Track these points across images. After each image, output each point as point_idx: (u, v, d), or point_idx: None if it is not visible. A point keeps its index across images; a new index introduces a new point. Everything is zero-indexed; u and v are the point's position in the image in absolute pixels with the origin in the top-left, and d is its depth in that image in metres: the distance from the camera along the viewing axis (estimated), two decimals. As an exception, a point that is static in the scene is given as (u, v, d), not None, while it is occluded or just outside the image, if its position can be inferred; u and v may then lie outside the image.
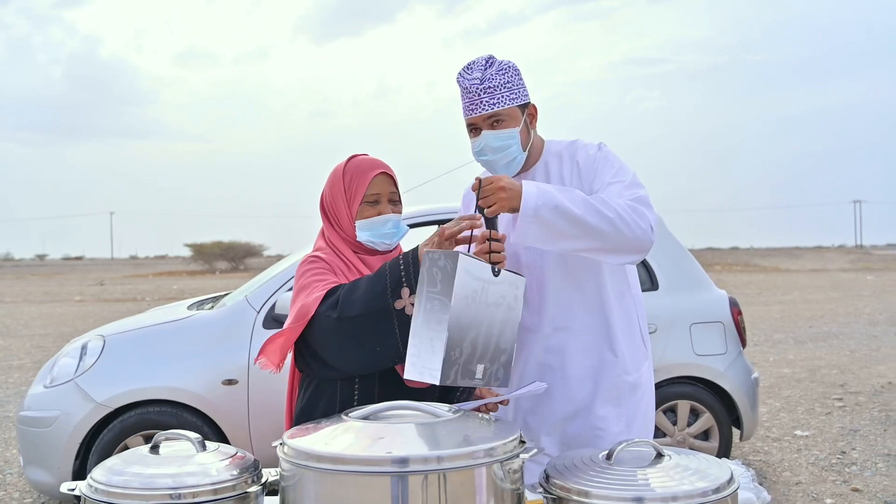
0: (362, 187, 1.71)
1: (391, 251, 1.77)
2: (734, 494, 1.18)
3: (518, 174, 1.89)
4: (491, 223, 1.72)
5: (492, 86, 1.79)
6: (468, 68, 1.83)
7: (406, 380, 1.46)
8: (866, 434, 5.04)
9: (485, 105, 1.80)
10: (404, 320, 1.50)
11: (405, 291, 1.53)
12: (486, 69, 1.81)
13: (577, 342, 1.87)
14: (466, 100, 1.81)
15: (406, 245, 1.79)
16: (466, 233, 1.59)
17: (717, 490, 1.14)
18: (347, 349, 1.55)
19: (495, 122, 1.81)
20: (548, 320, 1.88)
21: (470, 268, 1.47)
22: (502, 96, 1.80)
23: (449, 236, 1.57)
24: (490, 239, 1.59)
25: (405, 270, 1.54)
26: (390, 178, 1.75)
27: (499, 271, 1.54)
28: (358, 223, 1.71)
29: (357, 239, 1.72)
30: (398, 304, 1.52)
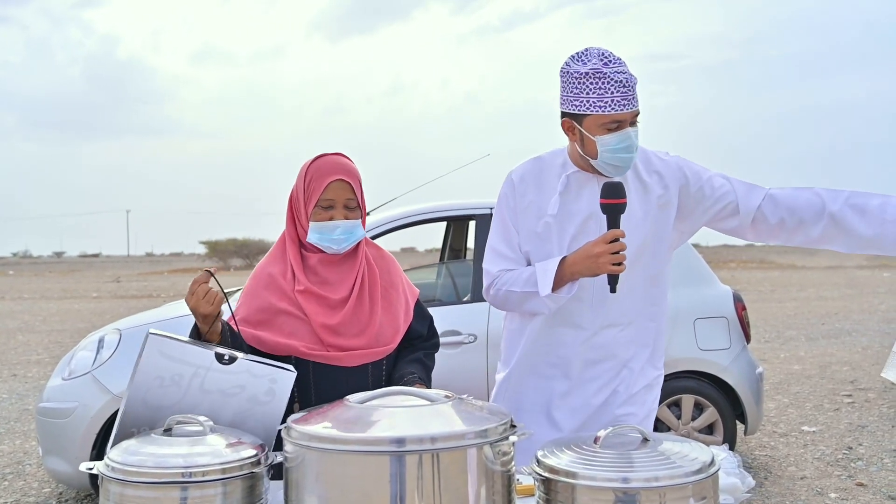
0: (318, 191, 1.75)
1: (341, 255, 1.80)
2: (715, 476, 1.23)
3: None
4: (613, 222, 1.73)
5: (635, 83, 1.76)
6: (609, 59, 1.74)
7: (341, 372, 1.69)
8: (874, 430, 5.05)
9: (635, 101, 1.75)
10: None
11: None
12: (623, 64, 1.76)
13: (630, 342, 1.91)
14: (618, 93, 1.72)
15: (416, 240, 1.84)
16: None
17: (697, 472, 1.20)
18: None
19: (636, 119, 1.78)
20: (602, 316, 1.88)
21: (168, 350, 1.48)
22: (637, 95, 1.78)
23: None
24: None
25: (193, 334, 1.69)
26: (348, 184, 1.77)
27: (229, 360, 1.51)
28: (311, 224, 1.77)
29: (307, 239, 1.78)
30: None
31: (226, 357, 1.52)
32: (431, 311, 2.02)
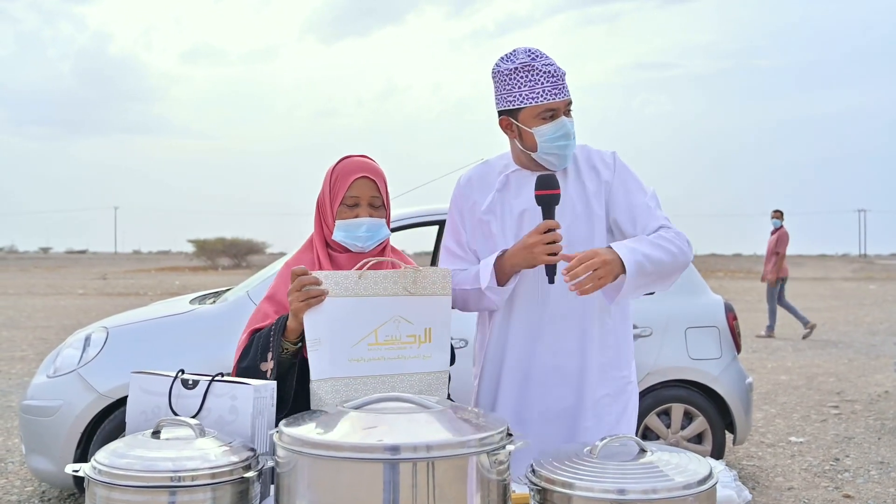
0: (343, 189, 1.77)
1: (368, 252, 1.80)
2: (712, 489, 1.22)
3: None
4: (548, 213, 1.76)
5: (563, 74, 1.81)
6: (536, 54, 1.81)
7: None
8: (860, 442, 5.07)
9: (566, 91, 1.81)
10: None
11: (269, 355, 1.65)
12: (550, 58, 1.82)
13: (582, 341, 1.89)
14: (548, 83, 1.78)
15: (406, 243, 1.83)
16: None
17: (695, 484, 1.19)
18: None
19: (569, 109, 1.84)
20: (549, 314, 1.89)
21: (146, 385, 1.54)
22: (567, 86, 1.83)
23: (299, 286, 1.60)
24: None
25: (273, 337, 1.66)
26: (373, 182, 1.79)
27: (193, 384, 1.51)
28: (337, 223, 1.78)
29: (333, 238, 1.79)
30: (263, 367, 1.65)
31: (189, 382, 1.52)
32: None
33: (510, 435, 1.24)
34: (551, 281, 1.78)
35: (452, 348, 1.97)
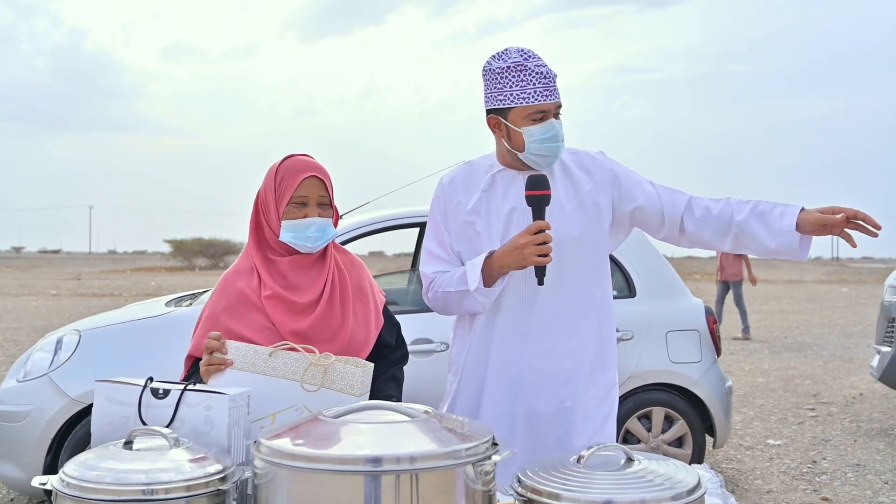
0: (291, 188, 1.72)
1: (314, 254, 1.77)
2: (701, 499, 1.20)
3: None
4: (539, 214, 1.75)
5: (555, 76, 1.80)
6: (529, 54, 1.80)
7: None
8: (837, 444, 5.12)
9: (557, 93, 1.80)
10: None
11: None
12: (542, 59, 1.81)
13: (576, 342, 1.88)
14: (540, 84, 1.77)
15: (386, 245, 1.80)
16: None
17: (684, 494, 1.16)
18: None
19: (558, 111, 1.83)
20: (537, 316, 1.87)
21: (113, 394, 1.47)
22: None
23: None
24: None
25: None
26: (321, 181, 1.75)
27: (164, 393, 1.46)
28: (283, 223, 1.73)
29: (280, 238, 1.74)
30: None
31: (160, 391, 1.46)
32: (402, 318, 2.00)
33: (496, 444, 1.21)
34: (541, 282, 1.76)
35: (406, 346, 1.93)
